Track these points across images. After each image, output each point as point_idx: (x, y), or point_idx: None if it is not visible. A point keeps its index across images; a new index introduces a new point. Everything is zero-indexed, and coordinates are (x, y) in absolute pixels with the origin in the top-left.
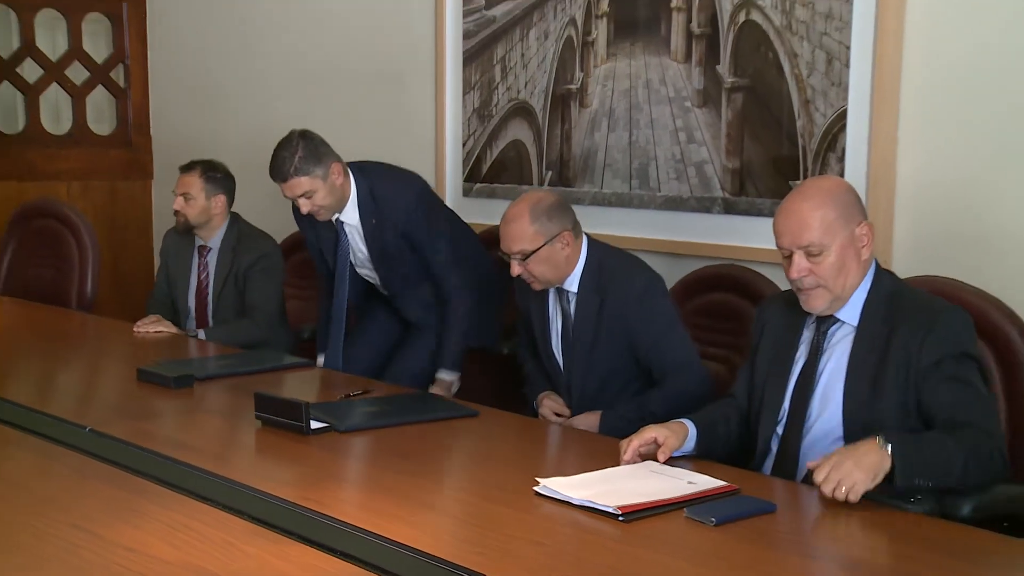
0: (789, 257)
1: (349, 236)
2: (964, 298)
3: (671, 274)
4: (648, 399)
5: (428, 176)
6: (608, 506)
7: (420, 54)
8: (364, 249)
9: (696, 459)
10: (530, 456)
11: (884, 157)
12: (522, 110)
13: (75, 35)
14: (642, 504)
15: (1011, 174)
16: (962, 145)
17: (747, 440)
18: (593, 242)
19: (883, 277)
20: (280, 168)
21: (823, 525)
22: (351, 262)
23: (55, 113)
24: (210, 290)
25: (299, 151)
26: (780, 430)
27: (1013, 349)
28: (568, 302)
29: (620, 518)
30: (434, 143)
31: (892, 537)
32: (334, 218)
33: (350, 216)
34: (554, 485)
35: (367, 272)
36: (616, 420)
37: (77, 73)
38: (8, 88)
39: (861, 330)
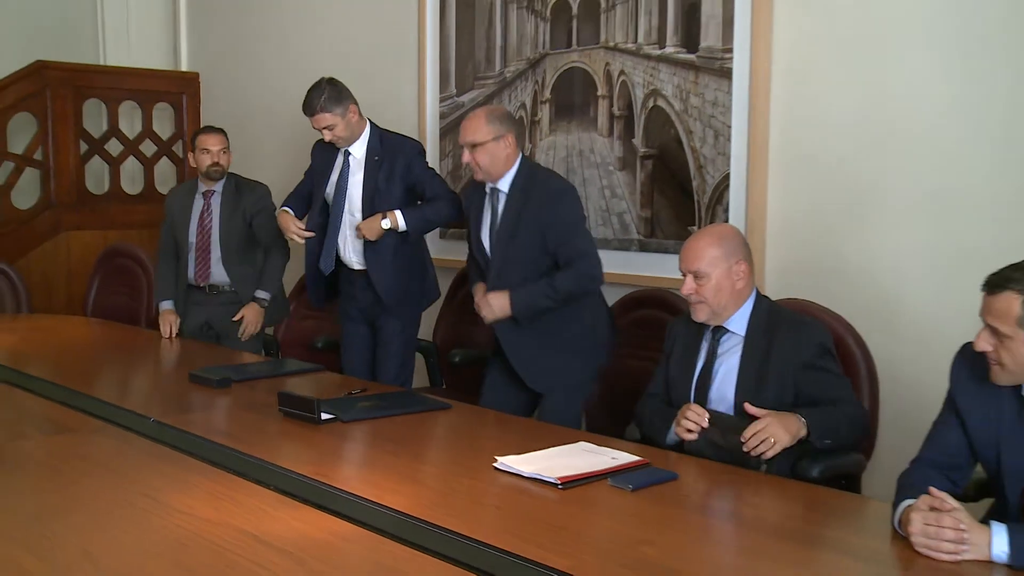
0: (685, 278)
1: (351, 169)
2: (814, 313)
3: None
4: (554, 278)
5: None
6: (551, 477)
7: (406, 130)
8: (360, 185)
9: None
10: (491, 440)
11: (757, 209)
12: None
13: (147, 119)
14: (576, 475)
15: (852, 223)
16: (816, 200)
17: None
18: (527, 159)
19: (762, 300)
20: (311, 104)
21: (714, 489)
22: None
23: (131, 178)
24: (215, 224)
25: (325, 93)
26: None
27: (851, 354)
28: (498, 201)
29: (559, 486)
30: None
31: (764, 495)
32: (344, 150)
33: (358, 150)
34: (509, 461)
35: (351, 244)
36: (525, 295)
37: (148, 148)
38: (97, 160)
39: (748, 339)
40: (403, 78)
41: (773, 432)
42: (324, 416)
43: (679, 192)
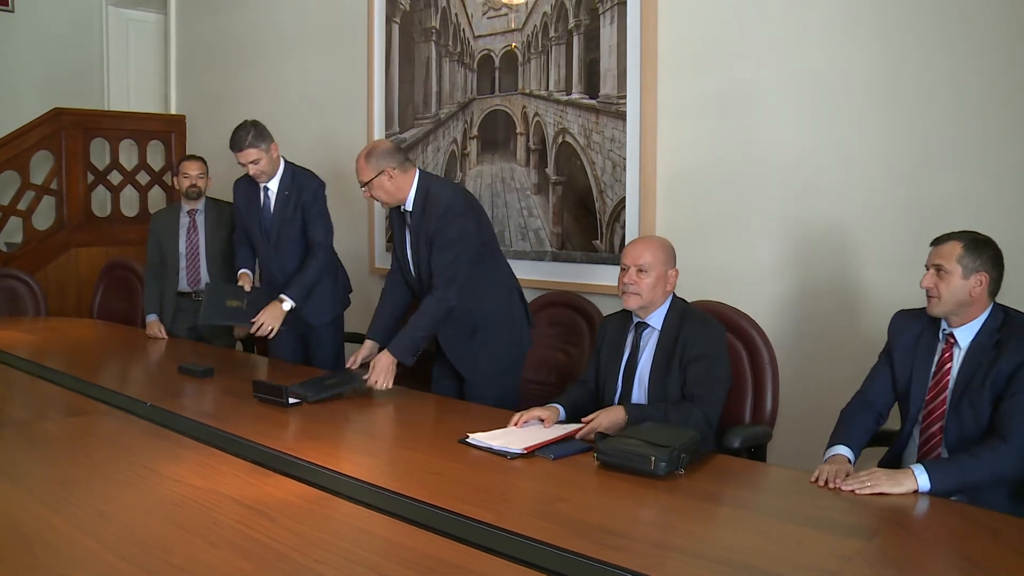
0: (626, 270)
1: (269, 198)
2: (724, 313)
3: None
4: (420, 308)
5: (361, 238)
6: (516, 449)
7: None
8: (271, 212)
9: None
10: (430, 419)
11: (648, 225)
12: None
13: (142, 154)
14: (536, 444)
15: (722, 236)
16: (693, 218)
17: (595, 407)
18: (425, 175)
19: (678, 301)
20: (239, 141)
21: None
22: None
23: (129, 203)
24: (201, 238)
25: (251, 131)
26: (616, 398)
27: (756, 346)
28: (408, 220)
29: (525, 455)
30: (367, 218)
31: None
32: (263, 186)
33: (273, 184)
34: (479, 437)
35: (267, 248)
36: (399, 341)
37: (143, 178)
38: (102, 188)
39: (662, 333)
40: (354, 117)
41: (599, 420)
42: (291, 400)
43: (584, 212)
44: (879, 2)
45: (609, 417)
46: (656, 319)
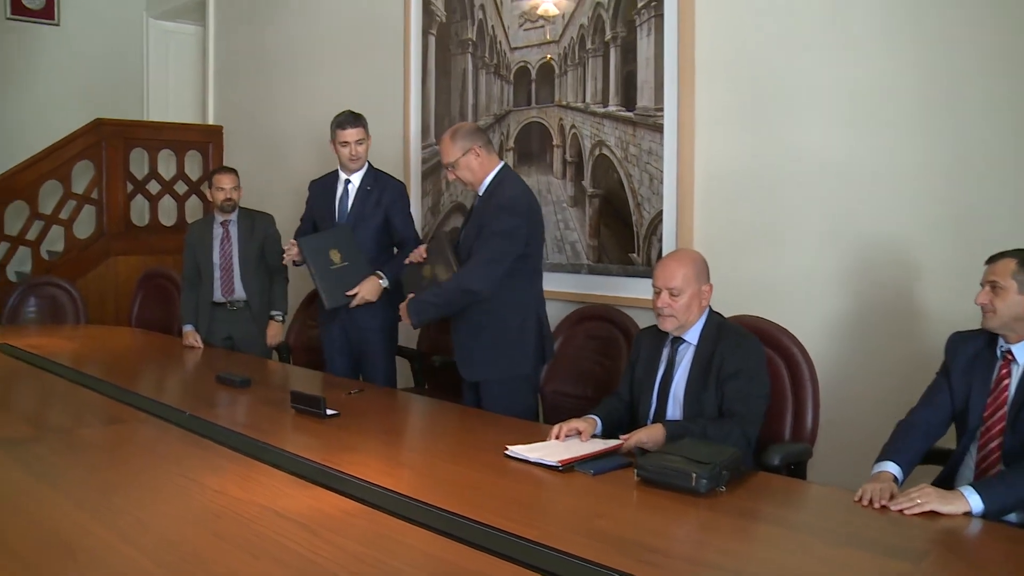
0: (659, 293)
1: (348, 193)
2: (761, 328)
3: (558, 312)
4: (444, 281)
5: None
6: (552, 461)
7: (393, 172)
8: (349, 205)
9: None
10: (461, 431)
11: (685, 238)
12: (459, 207)
13: (180, 164)
14: (573, 458)
15: (760, 248)
16: (732, 231)
17: (631, 422)
18: (509, 170)
19: (714, 315)
20: (355, 117)
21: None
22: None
23: (167, 212)
24: (235, 248)
25: (360, 116)
26: (651, 414)
27: (796, 361)
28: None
29: (560, 469)
30: None
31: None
32: (344, 179)
33: (356, 178)
34: (518, 450)
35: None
36: (418, 302)
37: (180, 187)
38: (140, 198)
39: (698, 348)
40: (391, 129)
41: (639, 436)
42: (329, 412)
43: (621, 225)
44: (922, 4)
45: (649, 434)
46: (692, 334)
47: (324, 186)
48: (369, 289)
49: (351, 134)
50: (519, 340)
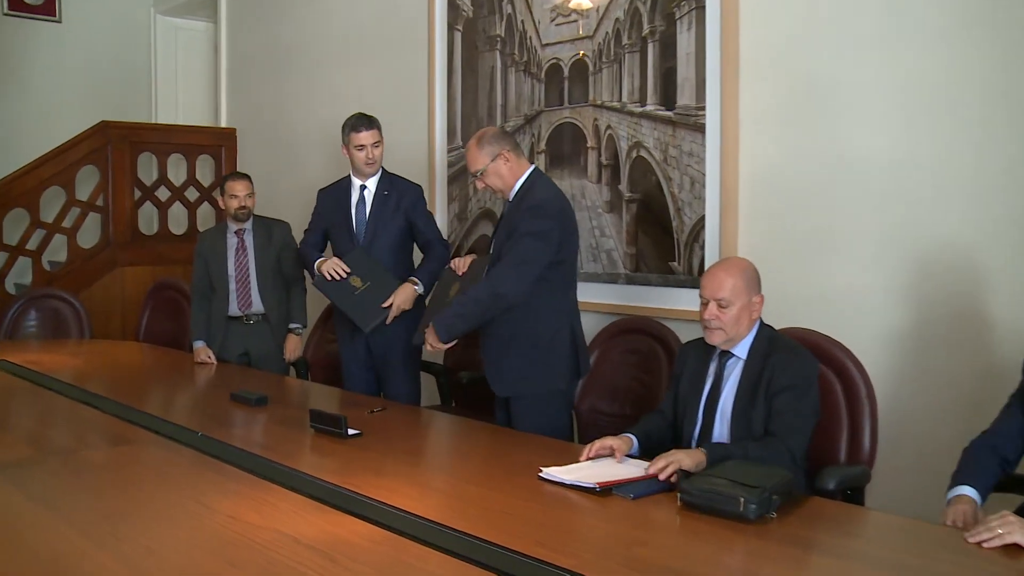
0: (706, 304)
1: (364, 199)
2: (815, 341)
3: (594, 324)
4: (468, 289)
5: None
6: (590, 483)
7: (418, 177)
8: (367, 211)
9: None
10: (491, 451)
11: (729, 246)
12: (487, 214)
13: (191, 169)
14: (612, 481)
15: (811, 257)
16: (779, 237)
17: (674, 440)
18: (540, 173)
19: (765, 328)
20: (367, 120)
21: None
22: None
23: (177, 220)
24: (251, 259)
25: (373, 118)
26: (696, 433)
27: (851, 377)
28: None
29: (598, 492)
30: None
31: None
32: (359, 185)
33: (371, 183)
34: (554, 472)
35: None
36: (442, 318)
37: (191, 194)
38: (149, 205)
39: (748, 363)
40: (414, 130)
41: (679, 458)
42: (350, 432)
43: (660, 231)
44: None
45: (691, 457)
46: (741, 349)
47: (336, 194)
48: (404, 297)
49: (366, 137)
50: (551, 353)
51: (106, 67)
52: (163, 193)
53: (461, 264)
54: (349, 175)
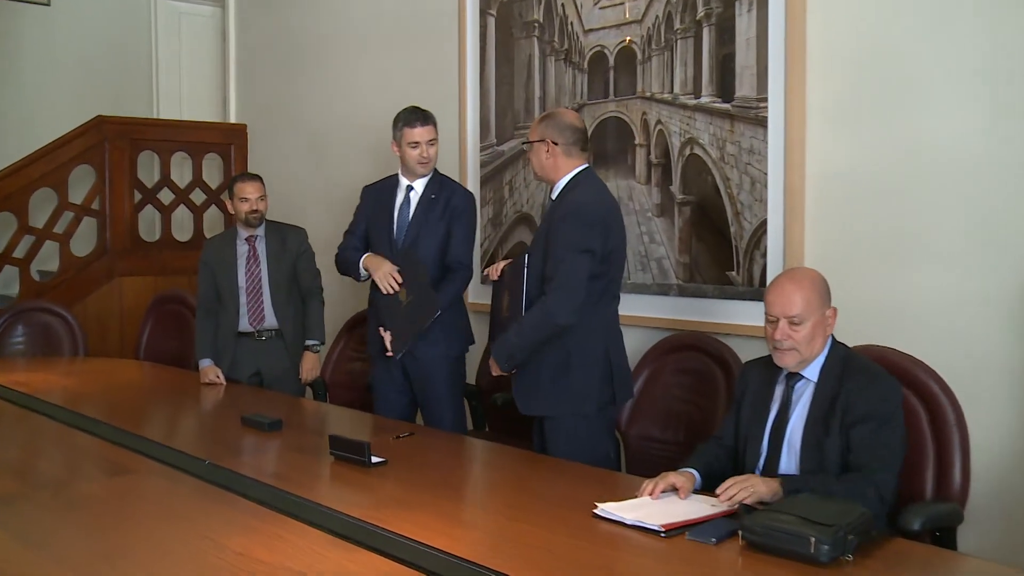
0: (775, 323)
1: (410, 201)
2: (893, 361)
3: (641, 342)
4: (523, 316)
5: None
6: (654, 524)
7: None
8: (410, 214)
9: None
10: (533, 482)
11: (795, 254)
12: (524, 219)
13: (197, 170)
14: (679, 522)
15: (892, 267)
16: (853, 245)
17: (734, 472)
18: (589, 176)
19: (838, 346)
20: (423, 115)
21: None
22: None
23: (181, 226)
24: (264, 269)
25: (429, 113)
26: (761, 464)
27: (937, 402)
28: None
29: (663, 534)
30: None
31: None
32: (405, 184)
33: (419, 184)
34: (611, 508)
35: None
36: (498, 345)
37: (197, 196)
38: (150, 209)
39: (819, 385)
40: (444, 127)
41: (754, 484)
42: (374, 459)
43: (717, 238)
44: None
45: (769, 488)
46: (812, 370)
47: (381, 192)
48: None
49: (422, 133)
50: (580, 374)
51: (102, 56)
52: (166, 196)
53: (493, 271)
54: (397, 173)
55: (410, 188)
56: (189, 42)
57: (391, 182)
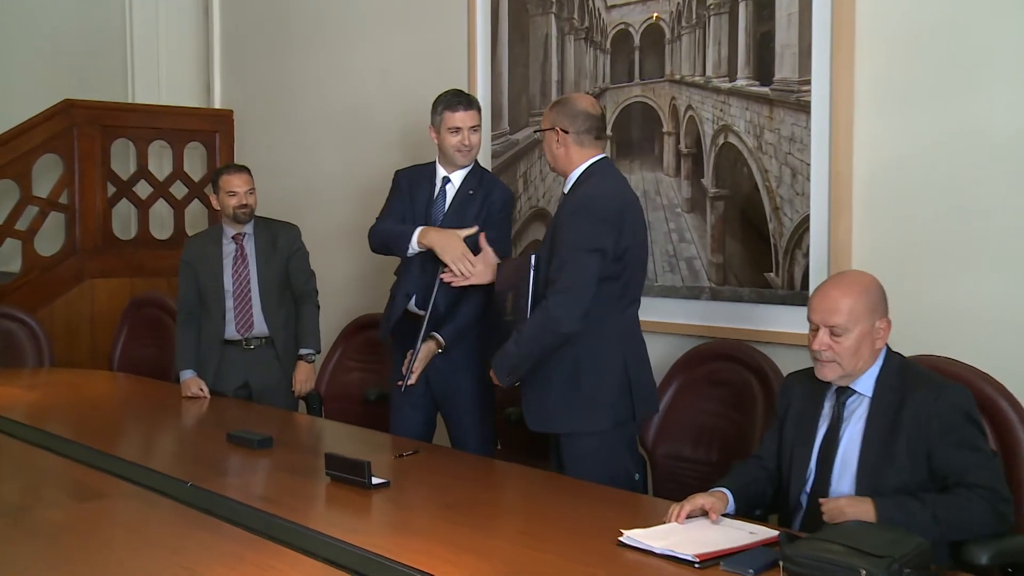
0: (816, 331)
1: (445, 194)
2: (952, 372)
3: (669, 351)
4: (521, 325)
5: None
6: (687, 554)
7: None
8: (445, 207)
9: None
10: (547, 506)
11: (842, 254)
12: (540, 214)
13: (178, 160)
14: (715, 552)
15: (949, 267)
16: (907, 244)
17: (778, 496)
18: (605, 166)
19: (893, 356)
20: (467, 98)
21: None
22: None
23: (160, 222)
24: (252, 270)
25: (473, 97)
26: (808, 488)
27: (1005, 418)
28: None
29: (697, 564)
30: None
31: None
32: (442, 175)
33: (457, 177)
34: (637, 536)
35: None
36: (498, 358)
37: (178, 190)
38: (125, 203)
39: (875, 401)
40: None
41: (842, 507)
42: (375, 480)
43: (754, 236)
44: None
45: (856, 510)
46: (864, 384)
47: (414, 180)
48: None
49: (464, 118)
50: (594, 386)
51: (69, 32)
52: (143, 189)
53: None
54: (434, 161)
55: (447, 180)
56: (168, 19)
57: (427, 171)
